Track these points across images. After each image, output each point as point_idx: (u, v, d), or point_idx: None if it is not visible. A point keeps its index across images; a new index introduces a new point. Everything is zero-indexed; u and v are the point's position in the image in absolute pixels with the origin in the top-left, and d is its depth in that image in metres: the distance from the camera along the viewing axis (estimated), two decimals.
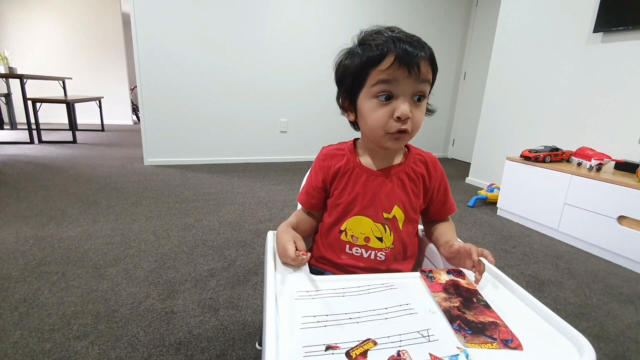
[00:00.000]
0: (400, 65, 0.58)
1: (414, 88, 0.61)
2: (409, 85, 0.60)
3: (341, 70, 0.68)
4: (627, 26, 1.92)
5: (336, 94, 0.71)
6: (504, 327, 0.47)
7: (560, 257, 1.72)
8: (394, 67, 0.59)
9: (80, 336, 0.99)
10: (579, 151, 1.98)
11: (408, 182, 0.72)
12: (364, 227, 0.70)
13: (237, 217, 1.99)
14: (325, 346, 0.42)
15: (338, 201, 0.73)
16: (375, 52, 0.60)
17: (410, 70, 0.59)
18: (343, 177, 0.73)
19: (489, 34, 3.39)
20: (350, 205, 0.71)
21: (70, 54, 5.85)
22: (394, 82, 0.60)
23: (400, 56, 0.58)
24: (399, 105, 0.60)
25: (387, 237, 0.70)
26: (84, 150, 3.70)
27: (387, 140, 0.65)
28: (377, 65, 0.60)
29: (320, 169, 0.76)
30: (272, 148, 3.63)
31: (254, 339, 1.01)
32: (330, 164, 0.74)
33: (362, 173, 0.72)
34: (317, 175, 0.76)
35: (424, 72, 0.60)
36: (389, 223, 0.70)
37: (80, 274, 1.32)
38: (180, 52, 3.07)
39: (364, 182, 0.71)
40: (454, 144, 4.41)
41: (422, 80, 0.61)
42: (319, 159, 0.77)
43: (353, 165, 0.73)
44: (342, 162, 0.73)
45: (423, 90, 0.62)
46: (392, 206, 0.70)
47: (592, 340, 1.11)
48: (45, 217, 1.82)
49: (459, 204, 2.49)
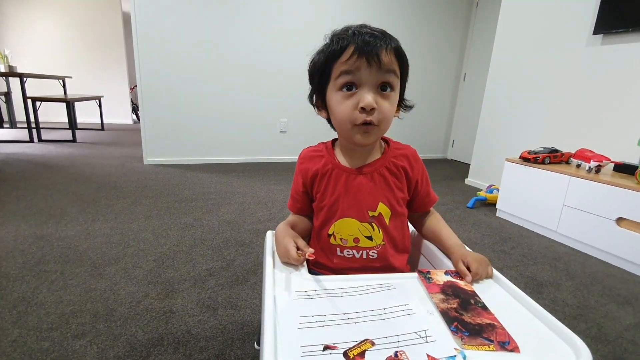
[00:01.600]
0: (360, 55, 0.59)
1: (377, 78, 0.61)
2: (372, 75, 0.60)
3: (311, 67, 0.69)
4: (627, 28, 1.92)
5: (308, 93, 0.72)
6: (501, 329, 0.47)
7: (559, 259, 1.72)
8: (354, 58, 0.59)
9: (78, 335, 0.99)
10: (578, 153, 1.99)
11: (390, 176, 0.71)
12: (351, 229, 0.70)
13: (237, 217, 1.99)
14: (323, 346, 0.42)
15: (321, 204, 0.72)
16: (336, 46, 0.61)
17: (369, 59, 0.59)
18: (323, 179, 0.72)
19: (489, 35, 3.39)
20: (333, 208, 0.71)
21: (71, 53, 5.84)
22: (355, 72, 0.60)
23: (359, 46, 0.59)
24: (363, 95, 0.60)
25: (376, 234, 0.70)
26: (84, 149, 3.70)
27: (356, 134, 0.64)
28: (339, 58, 0.61)
29: (299, 172, 0.75)
30: (272, 148, 3.63)
31: (253, 339, 1.01)
32: (308, 166, 0.74)
33: (341, 173, 0.71)
34: (298, 179, 0.76)
35: (385, 61, 0.60)
36: (376, 221, 0.70)
37: (79, 272, 1.32)
38: (180, 52, 3.07)
39: (345, 182, 0.70)
40: (453, 145, 4.41)
41: (385, 70, 0.61)
42: (298, 162, 0.77)
43: (332, 166, 0.72)
44: (320, 164, 0.72)
45: (387, 80, 0.62)
46: (376, 203, 0.69)
47: (590, 341, 1.11)
48: (44, 216, 1.82)
49: (457, 204, 2.50)
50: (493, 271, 0.62)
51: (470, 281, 0.59)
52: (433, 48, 4.01)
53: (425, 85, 4.10)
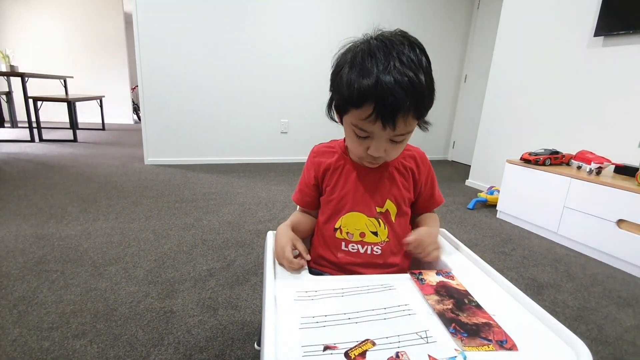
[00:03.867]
0: (376, 118, 0.56)
1: (391, 135, 0.60)
2: (386, 132, 0.59)
3: (332, 79, 0.65)
4: (628, 30, 1.92)
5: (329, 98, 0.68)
6: (497, 327, 0.47)
7: (560, 260, 1.72)
8: (370, 119, 0.57)
9: (79, 335, 0.99)
10: (578, 154, 1.99)
11: (398, 176, 0.73)
12: (358, 223, 0.71)
13: (237, 217, 1.99)
14: (324, 346, 0.42)
15: (330, 197, 0.74)
16: (354, 95, 0.57)
17: (385, 125, 0.57)
18: (334, 173, 0.74)
19: (490, 37, 3.39)
20: (342, 202, 0.72)
21: (72, 53, 5.86)
22: (369, 130, 0.60)
23: (378, 108, 0.55)
24: (374, 146, 0.62)
25: (382, 230, 0.71)
26: (85, 149, 3.71)
27: (364, 162, 0.69)
28: (356, 109, 0.58)
29: (312, 165, 0.77)
30: (272, 148, 3.63)
31: (253, 339, 1.01)
32: (320, 160, 0.76)
33: (352, 170, 0.73)
34: (309, 173, 0.78)
35: (400, 127, 0.58)
36: (382, 217, 0.71)
37: (79, 272, 1.32)
38: (181, 52, 3.07)
39: (355, 178, 0.72)
40: (454, 147, 4.41)
41: (398, 134, 0.60)
42: (310, 156, 0.79)
43: (344, 162, 0.74)
44: (332, 159, 0.75)
45: (401, 138, 0.62)
46: (384, 200, 0.72)
47: (591, 343, 1.11)
48: (45, 216, 1.83)
49: (458, 206, 2.50)
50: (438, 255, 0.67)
51: (406, 244, 0.66)
52: (434, 50, 3.99)
53: None
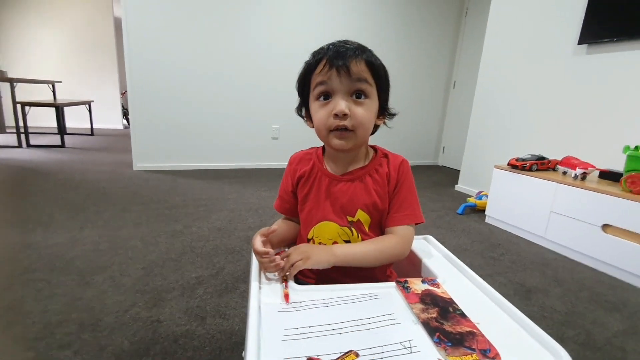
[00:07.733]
0: (331, 65, 0.63)
1: (349, 86, 0.64)
2: (343, 83, 0.64)
3: (297, 81, 0.73)
4: (611, 38, 1.97)
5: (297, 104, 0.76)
6: (481, 336, 0.47)
7: (547, 265, 1.74)
8: (326, 68, 0.64)
9: (64, 345, 0.97)
10: (564, 160, 2.02)
11: (372, 184, 0.71)
12: (330, 232, 0.71)
13: (227, 224, 1.98)
14: (307, 358, 0.42)
15: (302, 207, 0.75)
16: (312, 59, 0.67)
17: (339, 69, 0.63)
18: (307, 182, 0.75)
19: (478, 44, 3.44)
20: (312, 212, 0.73)
21: (63, 58, 5.80)
22: (328, 82, 0.65)
23: (330, 58, 0.64)
24: (336, 102, 0.64)
25: (355, 239, 0.71)
26: (73, 155, 3.66)
27: (332, 139, 0.67)
28: (315, 70, 0.66)
29: (289, 173, 0.79)
30: (263, 154, 3.63)
31: (241, 349, 1.00)
32: (297, 168, 0.77)
33: (324, 178, 0.73)
34: (287, 180, 0.79)
35: (354, 70, 0.63)
36: (355, 226, 0.71)
37: (65, 281, 1.30)
38: (171, 57, 3.06)
39: (326, 187, 0.72)
40: (444, 152, 4.45)
41: (356, 79, 0.64)
42: (289, 162, 0.80)
43: (317, 171, 0.74)
44: (307, 166, 0.75)
45: (359, 88, 0.65)
46: (355, 210, 0.70)
47: (579, 348, 1.12)
48: (32, 223, 1.80)
49: (447, 211, 2.51)
50: (290, 266, 0.61)
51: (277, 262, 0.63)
52: (424, 56, 4.06)
53: (416, 92, 4.13)
